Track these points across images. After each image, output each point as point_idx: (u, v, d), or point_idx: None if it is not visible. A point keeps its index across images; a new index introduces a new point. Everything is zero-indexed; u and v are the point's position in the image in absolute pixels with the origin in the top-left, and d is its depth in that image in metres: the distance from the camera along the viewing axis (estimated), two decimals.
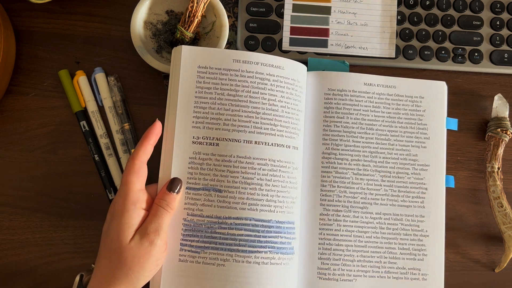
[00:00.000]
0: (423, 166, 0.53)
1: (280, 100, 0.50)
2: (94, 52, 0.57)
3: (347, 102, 0.54)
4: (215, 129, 0.48)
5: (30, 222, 0.54)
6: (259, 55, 0.50)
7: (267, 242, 0.47)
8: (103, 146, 0.55)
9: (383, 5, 0.59)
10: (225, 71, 0.49)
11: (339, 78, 0.54)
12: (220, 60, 0.49)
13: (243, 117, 0.49)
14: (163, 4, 0.56)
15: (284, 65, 0.51)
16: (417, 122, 0.54)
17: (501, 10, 0.59)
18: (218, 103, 0.49)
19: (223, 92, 0.49)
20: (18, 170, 0.54)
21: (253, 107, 0.49)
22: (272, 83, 0.50)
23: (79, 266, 0.53)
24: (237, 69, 0.49)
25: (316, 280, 0.50)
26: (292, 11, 0.58)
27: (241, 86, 0.49)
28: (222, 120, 0.48)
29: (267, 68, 0.50)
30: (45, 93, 0.56)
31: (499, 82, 0.59)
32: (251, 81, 0.49)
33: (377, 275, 0.50)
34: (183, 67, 0.49)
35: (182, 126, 0.48)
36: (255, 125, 0.48)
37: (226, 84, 0.49)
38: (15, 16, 0.57)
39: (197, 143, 0.48)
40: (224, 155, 0.48)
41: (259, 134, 0.48)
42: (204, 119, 0.48)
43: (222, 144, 0.48)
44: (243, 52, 0.50)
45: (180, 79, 0.49)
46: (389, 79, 0.55)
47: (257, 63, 0.50)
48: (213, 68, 0.49)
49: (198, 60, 0.49)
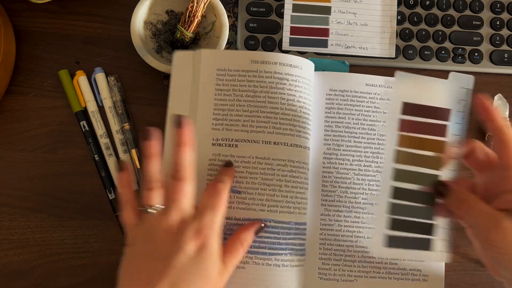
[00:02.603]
0: None
1: (299, 100, 0.49)
2: (94, 52, 0.57)
3: (349, 102, 0.54)
4: (234, 131, 0.48)
5: (30, 222, 0.54)
6: (277, 54, 0.49)
7: (287, 244, 0.47)
8: (103, 146, 0.55)
9: (383, 5, 0.59)
10: (243, 72, 0.49)
11: (340, 79, 0.54)
12: (238, 62, 0.49)
13: (262, 117, 0.48)
14: (163, 4, 0.56)
15: (302, 65, 0.50)
16: None
17: (501, 10, 0.60)
18: (237, 104, 0.49)
19: (241, 94, 0.49)
20: (18, 170, 0.54)
21: (271, 108, 0.48)
22: (291, 83, 0.49)
23: (79, 266, 0.53)
24: (255, 70, 0.49)
25: (316, 280, 0.50)
26: (292, 11, 0.58)
27: (259, 86, 0.49)
28: (241, 121, 0.48)
29: (285, 68, 0.49)
30: (45, 93, 0.56)
31: (499, 82, 0.59)
32: (269, 81, 0.49)
33: (378, 275, 0.50)
34: (203, 71, 0.49)
35: (202, 128, 0.48)
36: (274, 125, 0.48)
37: (244, 85, 0.49)
38: (15, 16, 0.57)
39: (216, 144, 0.48)
40: (243, 156, 0.48)
41: (278, 135, 0.48)
42: (224, 120, 0.48)
43: (241, 146, 0.48)
44: (261, 53, 0.50)
45: (200, 83, 0.49)
46: (391, 79, 0.55)
47: (275, 63, 0.49)
48: (232, 70, 0.49)
49: (217, 63, 0.49)
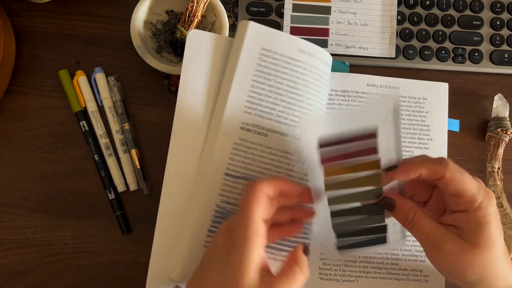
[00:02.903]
0: None
1: (327, 102, 0.49)
2: (94, 52, 0.57)
3: (350, 102, 0.54)
4: (267, 119, 0.45)
5: (30, 222, 0.54)
6: (324, 52, 0.48)
7: (298, 242, 0.46)
8: (103, 146, 0.55)
9: (383, 5, 0.59)
10: (289, 59, 0.46)
11: (341, 79, 0.54)
12: (286, 47, 0.46)
13: (297, 111, 0.46)
14: (163, 4, 0.56)
15: (333, 66, 0.49)
16: (420, 123, 0.54)
17: (501, 10, 0.60)
18: (275, 91, 0.46)
19: (282, 82, 0.46)
20: (18, 170, 0.54)
21: (308, 103, 0.47)
22: (325, 83, 0.48)
23: (79, 266, 0.53)
24: (301, 60, 0.47)
25: (317, 281, 0.50)
26: (292, 11, 0.58)
27: (301, 79, 0.46)
28: (276, 110, 0.46)
29: (324, 66, 0.48)
30: (45, 93, 0.56)
31: (499, 82, 0.59)
32: (311, 76, 0.47)
33: (379, 276, 0.50)
34: (246, 45, 0.46)
35: (233, 108, 0.45)
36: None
37: (287, 73, 0.46)
38: (15, 16, 0.57)
39: (245, 129, 0.45)
40: (271, 148, 0.45)
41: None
42: (258, 106, 0.45)
43: (271, 136, 0.45)
44: (311, 44, 0.47)
45: (241, 58, 0.46)
46: (392, 80, 0.55)
47: (321, 59, 0.47)
48: (278, 53, 0.46)
49: (264, 42, 0.46)
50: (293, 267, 0.39)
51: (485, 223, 0.39)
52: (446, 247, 0.39)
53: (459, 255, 0.39)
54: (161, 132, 0.51)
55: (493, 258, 0.39)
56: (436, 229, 0.40)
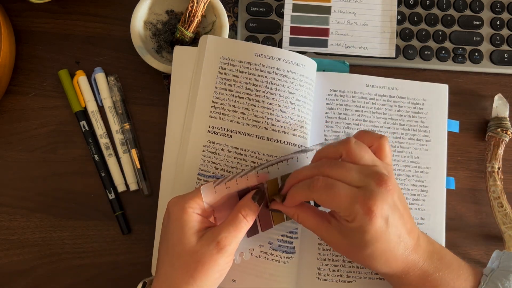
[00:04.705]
0: (424, 168, 0.53)
1: (298, 98, 0.50)
2: (94, 52, 0.57)
3: (349, 103, 0.54)
4: (230, 121, 0.49)
5: (30, 222, 0.54)
6: (282, 51, 0.50)
7: (267, 238, 0.48)
8: (103, 146, 0.55)
9: (383, 5, 0.59)
10: (246, 64, 0.49)
11: (341, 79, 0.54)
12: (242, 53, 0.49)
13: (258, 112, 0.49)
14: (163, 4, 0.56)
15: (305, 64, 0.50)
16: (419, 125, 0.54)
17: (501, 10, 0.59)
18: (236, 95, 0.49)
19: (241, 85, 0.49)
20: (18, 170, 0.54)
21: (269, 103, 0.49)
22: (292, 81, 0.49)
23: (79, 266, 0.53)
24: (258, 63, 0.49)
25: (315, 281, 0.50)
26: (292, 11, 0.58)
27: (260, 81, 0.49)
28: (237, 113, 0.49)
29: (288, 65, 0.50)
30: (45, 93, 0.56)
31: (499, 82, 0.59)
32: (270, 77, 0.49)
33: (377, 276, 0.50)
34: (207, 57, 0.50)
35: (201, 114, 0.49)
36: (269, 121, 0.49)
37: (245, 77, 0.49)
38: (15, 16, 0.57)
39: (212, 132, 0.49)
40: (235, 148, 0.49)
41: (272, 131, 0.48)
42: (221, 110, 0.49)
43: (235, 137, 0.49)
44: (266, 47, 0.50)
45: (203, 69, 0.50)
46: (392, 81, 0.55)
47: (279, 59, 0.49)
48: (235, 60, 0.49)
49: (222, 51, 0.50)
50: (237, 214, 0.42)
51: (362, 231, 0.39)
52: (330, 239, 0.42)
53: (343, 250, 0.43)
54: (161, 132, 0.51)
55: (373, 253, 0.40)
56: (318, 225, 0.43)
